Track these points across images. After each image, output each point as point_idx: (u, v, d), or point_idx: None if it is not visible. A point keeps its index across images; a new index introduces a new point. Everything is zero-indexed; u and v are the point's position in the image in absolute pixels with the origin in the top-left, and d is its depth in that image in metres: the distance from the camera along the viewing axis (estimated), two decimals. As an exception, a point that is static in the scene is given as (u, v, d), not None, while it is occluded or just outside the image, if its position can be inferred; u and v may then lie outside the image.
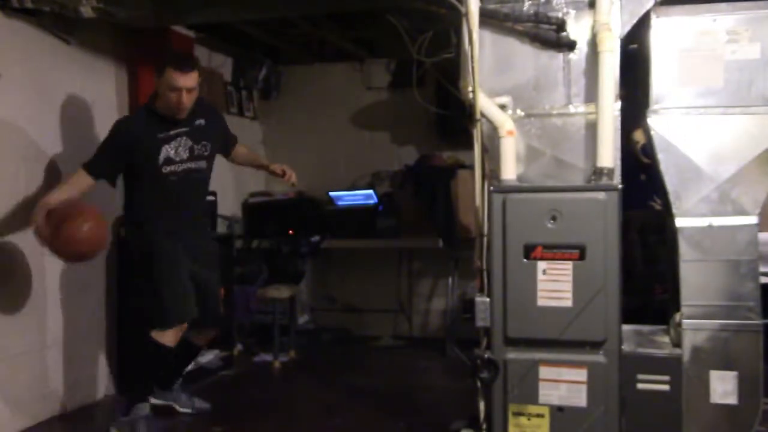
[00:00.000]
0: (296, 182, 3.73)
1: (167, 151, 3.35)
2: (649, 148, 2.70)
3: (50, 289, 3.65)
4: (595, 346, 2.55)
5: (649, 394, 2.57)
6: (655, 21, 2.59)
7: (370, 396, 4.08)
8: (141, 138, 3.32)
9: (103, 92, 4.07)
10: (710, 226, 2.56)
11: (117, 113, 4.16)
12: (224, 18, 4.24)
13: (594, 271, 2.53)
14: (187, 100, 3.28)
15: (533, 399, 2.59)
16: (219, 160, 3.71)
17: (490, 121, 2.68)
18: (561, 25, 2.66)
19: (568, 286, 2.54)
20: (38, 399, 3.57)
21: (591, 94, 2.65)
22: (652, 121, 2.60)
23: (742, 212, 2.55)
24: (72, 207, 3.17)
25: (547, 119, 2.71)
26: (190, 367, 3.84)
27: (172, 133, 3.36)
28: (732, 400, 2.53)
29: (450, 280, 5.20)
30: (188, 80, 3.25)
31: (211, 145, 3.51)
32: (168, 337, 3.29)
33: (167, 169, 3.35)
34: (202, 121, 3.46)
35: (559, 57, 2.70)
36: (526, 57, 2.72)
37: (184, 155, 3.40)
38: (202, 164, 3.48)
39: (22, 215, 3.48)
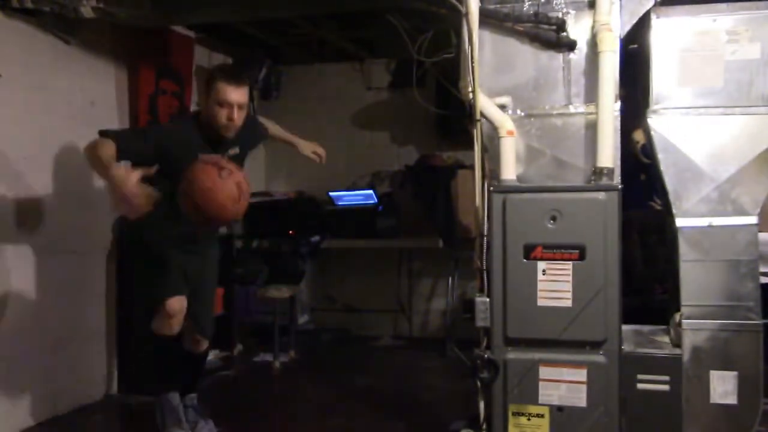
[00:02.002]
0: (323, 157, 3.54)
1: None
2: (649, 148, 2.69)
3: (50, 289, 3.65)
4: (595, 346, 2.55)
5: (649, 394, 2.57)
6: (655, 21, 2.59)
7: (370, 396, 4.08)
8: (180, 148, 2.98)
9: (103, 92, 4.07)
10: (710, 226, 2.56)
11: (117, 113, 4.17)
12: (224, 18, 4.24)
13: (594, 271, 2.53)
14: (238, 117, 3.01)
15: (533, 399, 2.58)
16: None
17: (490, 121, 2.68)
18: (561, 25, 2.66)
19: (568, 286, 2.54)
20: (38, 399, 3.57)
21: (591, 94, 2.65)
22: (652, 121, 2.60)
23: (742, 212, 2.55)
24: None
25: (547, 119, 2.71)
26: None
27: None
28: (732, 400, 2.53)
29: (450, 280, 5.20)
30: (242, 94, 3.01)
31: (242, 161, 3.27)
32: (164, 323, 3.09)
33: None
34: (237, 149, 3.20)
35: (559, 57, 2.70)
36: (526, 57, 2.72)
37: None
38: None
39: (22, 215, 3.48)
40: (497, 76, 2.74)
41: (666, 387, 2.56)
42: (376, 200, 5.38)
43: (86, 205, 3.88)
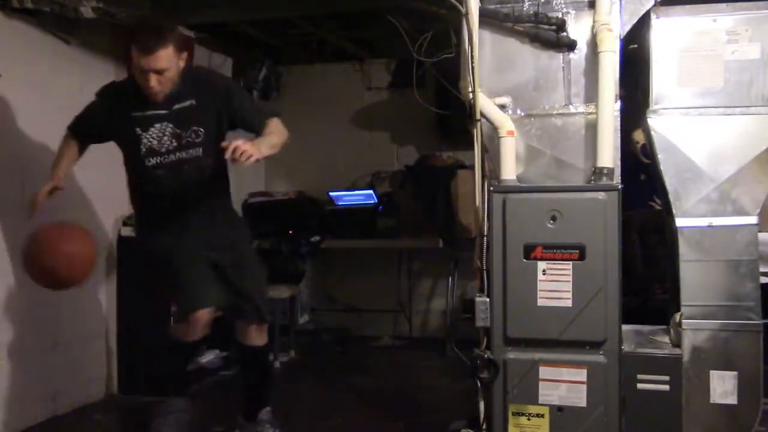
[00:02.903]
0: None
1: (149, 140, 2.85)
2: (649, 148, 2.69)
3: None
4: (595, 346, 2.55)
5: (649, 394, 2.57)
6: (655, 21, 2.59)
7: (370, 396, 4.08)
8: (115, 109, 2.89)
9: (103, 92, 4.07)
10: (710, 226, 2.56)
11: (117, 113, 4.17)
12: (224, 18, 4.25)
13: (594, 271, 2.53)
14: (157, 84, 2.74)
15: (533, 399, 2.58)
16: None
17: (490, 121, 2.68)
18: (561, 25, 2.66)
19: (568, 286, 2.54)
20: (38, 399, 3.57)
21: (591, 94, 2.65)
22: (652, 121, 2.60)
23: (742, 212, 2.55)
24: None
25: (547, 119, 2.71)
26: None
27: (149, 113, 2.84)
28: (732, 400, 2.53)
29: (450, 280, 5.20)
30: (155, 61, 2.67)
31: (205, 130, 2.89)
32: (181, 331, 2.88)
33: (151, 161, 2.86)
34: (192, 102, 2.88)
35: (559, 57, 2.70)
36: (526, 57, 2.72)
37: (171, 145, 2.87)
38: (196, 152, 2.90)
39: (22, 216, 3.48)
40: (497, 76, 2.74)
41: (666, 387, 2.56)
42: (376, 200, 5.38)
43: (86, 204, 3.88)
